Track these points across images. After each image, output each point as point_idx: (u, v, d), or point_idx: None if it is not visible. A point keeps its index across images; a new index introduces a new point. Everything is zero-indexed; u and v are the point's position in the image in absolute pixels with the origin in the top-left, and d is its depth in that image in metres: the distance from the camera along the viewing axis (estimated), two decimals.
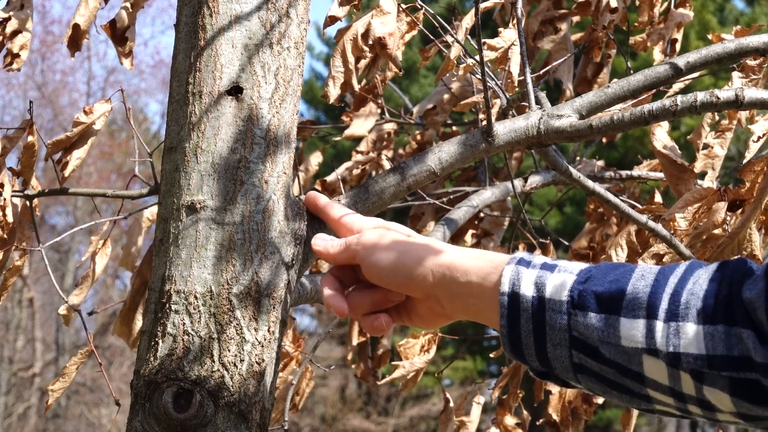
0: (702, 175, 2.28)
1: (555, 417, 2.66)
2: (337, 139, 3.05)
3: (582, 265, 1.03)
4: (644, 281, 0.98)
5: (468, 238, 3.11)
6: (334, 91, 2.28)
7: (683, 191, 2.14)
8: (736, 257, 0.99)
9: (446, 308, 1.12)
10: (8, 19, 2.11)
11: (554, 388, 2.62)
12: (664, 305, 0.95)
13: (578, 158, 3.15)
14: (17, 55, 2.12)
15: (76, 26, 2.16)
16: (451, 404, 2.56)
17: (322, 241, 1.21)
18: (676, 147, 2.25)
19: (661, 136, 2.23)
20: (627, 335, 0.96)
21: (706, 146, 2.24)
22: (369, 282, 1.16)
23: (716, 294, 0.94)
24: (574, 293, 1.00)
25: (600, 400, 2.65)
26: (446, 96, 2.97)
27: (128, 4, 2.21)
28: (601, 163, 3.12)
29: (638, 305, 0.96)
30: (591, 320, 0.98)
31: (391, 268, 1.11)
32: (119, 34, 2.20)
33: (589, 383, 1.01)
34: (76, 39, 2.17)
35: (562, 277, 1.01)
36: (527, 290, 1.02)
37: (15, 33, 2.12)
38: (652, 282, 0.97)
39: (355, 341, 2.91)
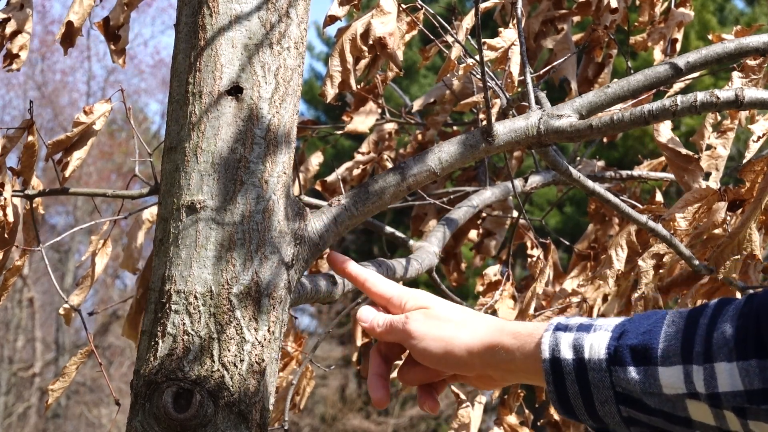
0: (706, 176, 2.28)
1: (557, 417, 2.66)
2: (339, 132, 3.05)
3: (617, 321, 1.06)
4: (675, 327, 1.00)
5: (472, 236, 3.11)
6: (331, 91, 2.28)
7: (690, 183, 2.13)
8: (762, 289, 1.00)
9: (498, 380, 1.17)
10: (8, 19, 2.11)
11: None
12: (698, 348, 0.97)
13: (579, 158, 3.15)
14: (17, 56, 2.12)
15: (69, 23, 2.16)
16: (462, 396, 2.55)
17: (368, 316, 1.23)
18: (679, 141, 2.26)
19: (664, 130, 2.23)
20: (667, 383, 0.99)
21: (709, 147, 2.24)
22: None
23: (746, 329, 0.95)
24: (611, 350, 1.02)
25: None
26: (447, 93, 2.98)
27: (123, 2, 2.21)
28: (601, 163, 3.12)
29: (672, 352, 0.99)
30: (631, 374, 1.01)
31: (440, 357, 1.16)
32: (112, 32, 2.20)
33: None
34: (70, 36, 2.17)
35: (597, 336, 1.05)
36: (567, 354, 1.05)
37: (15, 33, 2.12)
38: (683, 327, 1.00)
39: (359, 342, 2.91)
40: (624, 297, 2.50)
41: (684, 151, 2.18)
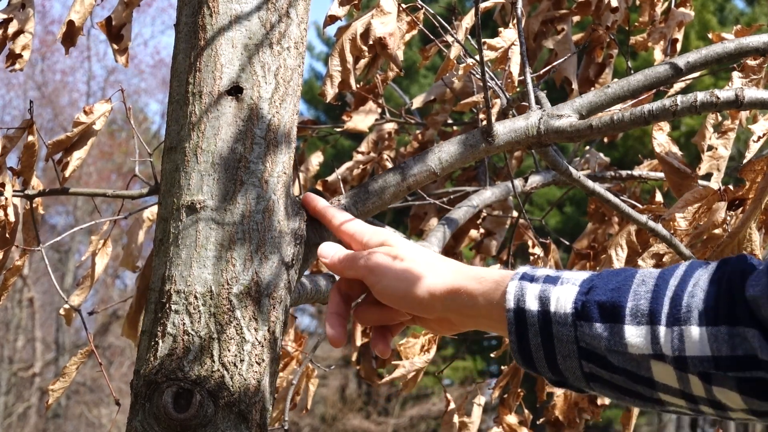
0: (707, 177, 2.28)
1: (561, 418, 2.66)
2: (339, 131, 3.05)
3: (584, 275, 1.04)
4: (645, 287, 0.98)
5: (472, 236, 3.11)
6: (331, 90, 2.28)
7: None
8: (735, 256, 0.99)
9: (457, 325, 1.15)
10: (10, 19, 2.11)
11: (558, 390, 2.62)
12: (665, 309, 0.96)
13: (587, 147, 3.14)
14: (19, 56, 2.12)
15: (70, 23, 2.16)
16: (452, 406, 2.56)
17: (329, 251, 1.21)
18: (677, 152, 2.25)
19: (662, 140, 2.23)
20: (633, 343, 0.97)
21: (710, 147, 2.23)
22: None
23: (717, 294, 0.94)
24: (578, 304, 1.01)
25: (606, 401, 2.65)
26: (447, 91, 2.98)
27: (125, 1, 2.21)
28: (606, 159, 3.12)
29: (641, 312, 0.97)
30: (596, 330, 0.99)
31: (400, 295, 1.13)
32: (115, 32, 2.20)
33: (602, 390, 1.03)
34: (71, 35, 2.17)
35: (565, 289, 1.03)
36: (532, 305, 1.03)
37: (17, 33, 2.12)
38: (652, 287, 0.98)
39: (358, 342, 2.91)
40: None
41: (682, 167, 2.18)
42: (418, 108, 3.07)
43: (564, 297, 1.02)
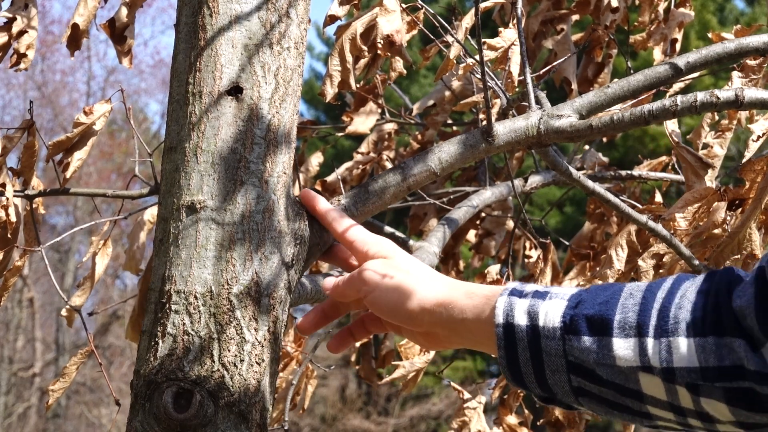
0: None
1: (561, 418, 2.66)
2: (340, 135, 3.05)
3: (573, 290, 1.05)
4: (633, 299, 0.99)
5: (471, 237, 3.11)
6: (330, 90, 2.28)
7: (696, 187, 2.12)
8: (723, 267, 0.99)
9: (444, 341, 1.16)
10: (14, 19, 2.11)
11: None
12: (653, 321, 0.96)
13: (586, 147, 3.14)
14: (24, 55, 2.12)
15: (75, 26, 2.16)
16: (467, 395, 2.55)
17: (330, 280, 1.25)
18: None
19: (672, 127, 2.22)
20: (621, 355, 0.97)
21: (705, 146, 2.23)
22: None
23: (704, 305, 0.94)
24: (566, 318, 1.01)
25: None
26: (447, 93, 2.98)
27: (127, 2, 2.21)
28: (605, 159, 3.12)
29: (628, 324, 0.97)
30: (585, 344, 0.99)
31: (391, 308, 1.15)
32: (118, 33, 2.20)
33: (591, 405, 1.03)
34: (76, 38, 2.18)
35: (553, 303, 1.03)
36: (521, 320, 1.03)
37: (21, 33, 2.12)
38: (640, 300, 0.98)
39: (358, 342, 2.91)
40: None
41: (703, 156, 2.16)
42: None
43: (552, 311, 1.02)
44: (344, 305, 1.28)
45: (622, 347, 0.97)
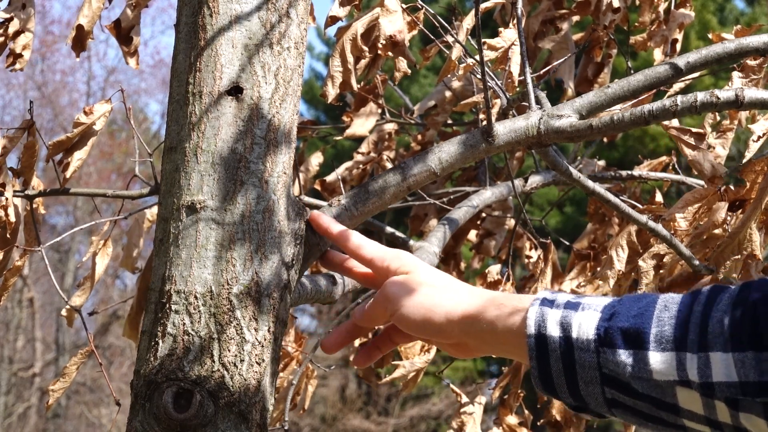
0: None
1: (558, 418, 2.66)
2: (339, 138, 3.05)
3: (605, 301, 1.04)
4: (668, 312, 0.98)
5: (472, 237, 3.11)
6: (332, 91, 2.28)
7: (701, 161, 2.10)
8: (757, 279, 0.98)
9: (474, 350, 1.16)
10: (10, 19, 2.11)
11: None
12: (692, 336, 0.96)
13: (579, 158, 3.15)
14: (20, 55, 2.13)
15: (80, 27, 2.16)
16: (464, 399, 2.56)
17: (360, 313, 1.25)
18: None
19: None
20: (657, 369, 0.97)
21: (708, 147, 2.23)
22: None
23: (741, 320, 0.94)
24: (600, 331, 1.01)
25: None
26: (447, 94, 2.98)
27: (132, 3, 2.21)
28: (602, 162, 3.12)
29: (665, 338, 0.97)
30: (620, 357, 0.99)
31: (419, 324, 1.15)
32: (124, 34, 2.20)
33: (625, 416, 1.03)
34: (81, 40, 2.18)
35: (586, 315, 1.03)
36: (553, 331, 1.03)
37: (17, 33, 2.12)
38: (675, 313, 0.98)
39: (357, 342, 2.91)
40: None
41: (694, 129, 2.15)
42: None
43: (586, 323, 1.02)
44: (369, 329, 1.28)
45: (659, 361, 0.96)
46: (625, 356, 0.98)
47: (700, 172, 2.08)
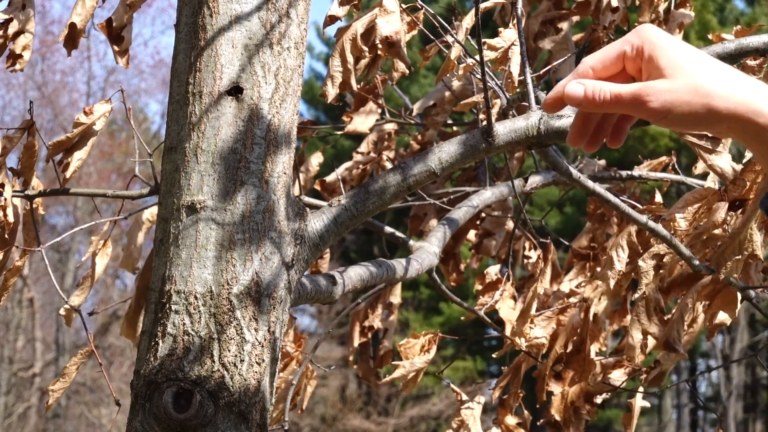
0: (704, 176, 2.26)
1: (557, 417, 2.66)
2: (339, 133, 3.05)
3: None
4: None
5: (471, 237, 3.11)
6: (332, 91, 2.28)
7: (707, 146, 2.08)
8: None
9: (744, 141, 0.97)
10: (10, 20, 2.11)
11: (556, 389, 2.62)
12: None
13: (579, 158, 3.15)
14: (20, 56, 2.13)
15: (72, 25, 2.16)
16: (464, 397, 2.55)
17: (578, 88, 0.97)
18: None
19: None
20: None
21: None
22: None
23: None
24: None
25: (600, 400, 2.65)
26: (447, 94, 2.97)
27: (127, 3, 2.21)
28: (602, 162, 3.12)
29: None
30: None
31: (700, 115, 0.94)
32: (116, 33, 2.20)
33: None
34: (73, 38, 2.18)
35: None
36: None
37: (17, 34, 2.12)
38: None
39: (356, 342, 2.91)
40: (618, 297, 2.50)
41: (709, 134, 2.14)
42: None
43: None
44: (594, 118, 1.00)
45: None
46: None
47: (720, 175, 2.08)
